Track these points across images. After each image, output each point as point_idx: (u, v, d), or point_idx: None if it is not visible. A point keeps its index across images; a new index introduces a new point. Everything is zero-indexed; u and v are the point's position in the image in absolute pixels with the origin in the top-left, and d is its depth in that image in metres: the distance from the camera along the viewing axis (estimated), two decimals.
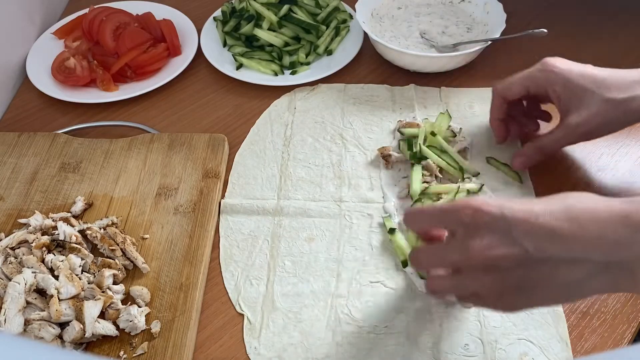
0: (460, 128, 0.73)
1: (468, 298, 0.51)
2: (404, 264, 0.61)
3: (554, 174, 0.71)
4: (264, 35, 0.85)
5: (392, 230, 0.63)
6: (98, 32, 0.86)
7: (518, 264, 0.45)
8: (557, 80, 0.61)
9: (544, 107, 0.72)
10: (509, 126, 0.70)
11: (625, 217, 0.42)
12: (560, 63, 0.62)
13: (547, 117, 0.72)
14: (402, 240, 0.62)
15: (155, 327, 0.56)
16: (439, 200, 0.65)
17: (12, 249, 0.59)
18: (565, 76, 0.60)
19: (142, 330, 0.55)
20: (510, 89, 0.65)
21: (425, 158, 0.69)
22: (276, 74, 0.83)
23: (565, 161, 0.72)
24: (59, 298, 0.54)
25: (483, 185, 0.67)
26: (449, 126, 0.72)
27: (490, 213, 0.45)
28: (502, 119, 0.69)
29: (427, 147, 0.70)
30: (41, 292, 0.55)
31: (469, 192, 0.66)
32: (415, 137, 0.71)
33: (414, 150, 0.69)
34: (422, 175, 0.68)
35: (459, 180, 0.68)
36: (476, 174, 0.69)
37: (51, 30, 0.90)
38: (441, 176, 0.68)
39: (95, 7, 0.90)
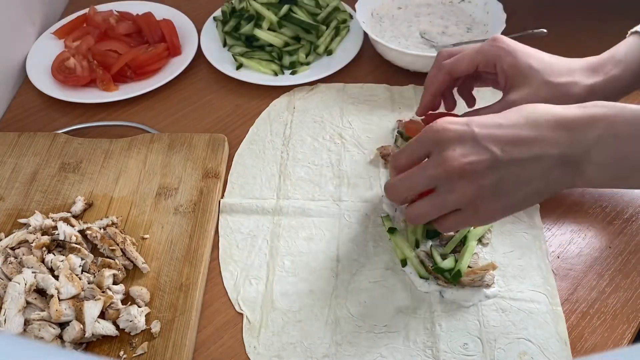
0: None
1: (448, 217, 0.54)
2: (403, 263, 0.61)
3: None
4: (263, 35, 0.85)
5: (391, 230, 0.63)
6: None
7: (489, 168, 0.50)
8: (506, 56, 0.61)
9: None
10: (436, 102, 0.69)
11: (573, 121, 0.50)
12: (509, 41, 0.62)
13: (472, 102, 0.70)
14: (402, 240, 0.62)
15: (155, 327, 0.56)
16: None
17: (12, 249, 0.59)
18: (514, 54, 0.61)
19: (142, 330, 0.56)
20: (460, 64, 0.63)
21: None
22: (276, 74, 0.83)
23: None
24: (59, 298, 0.54)
25: None
26: None
27: (456, 129, 0.51)
28: (438, 95, 0.67)
29: None
30: (41, 292, 0.55)
31: None
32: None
33: None
34: None
35: None
36: None
37: (51, 30, 0.90)
38: None
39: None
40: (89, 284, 0.57)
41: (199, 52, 0.87)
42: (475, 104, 0.70)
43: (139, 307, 0.57)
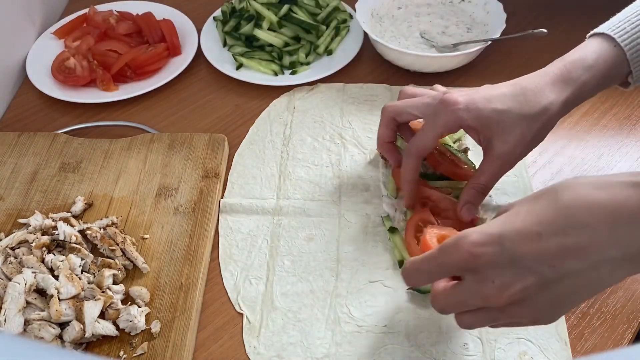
0: (467, 148, 0.72)
1: (499, 324, 0.47)
2: (400, 264, 0.61)
3: (554, 174, 0.71)
4: (263, 35, 0.85)
5: (392, 229, 0.63)
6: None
7: (540, 288, 0.42)
8: (466, 115, 0.56)
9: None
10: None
11: (634, 207, 0.39)
12: (459, 97, 0.56)
13: None
14: (401, 241, 0.62)
15: (155, 327, 0.56)
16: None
17: (12, 249, 0.59)
18: (472, 107, 0.56)
19: (142, 330, 0.56)
20: (426, 145, 0.59)
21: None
22: (276, 74, 0.83)
23: (565, 162, 0.72)
24: (59, 298, 0.54)
25: None
26: (460, 139, 0.72)
27: (488, 254, 0.42)
28: (392, 141, 0.64)
29: None
30: (41, 292, 0.55)
31: None
32: None
33: None
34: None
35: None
36: None
37: (51, 30, 0.90)
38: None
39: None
40: (89, 284, 0.57)
41: (199, 52, 0.87)
42: None
43: (139, 307, 0.57)
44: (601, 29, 0.61)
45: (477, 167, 0.68)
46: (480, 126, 0.56)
